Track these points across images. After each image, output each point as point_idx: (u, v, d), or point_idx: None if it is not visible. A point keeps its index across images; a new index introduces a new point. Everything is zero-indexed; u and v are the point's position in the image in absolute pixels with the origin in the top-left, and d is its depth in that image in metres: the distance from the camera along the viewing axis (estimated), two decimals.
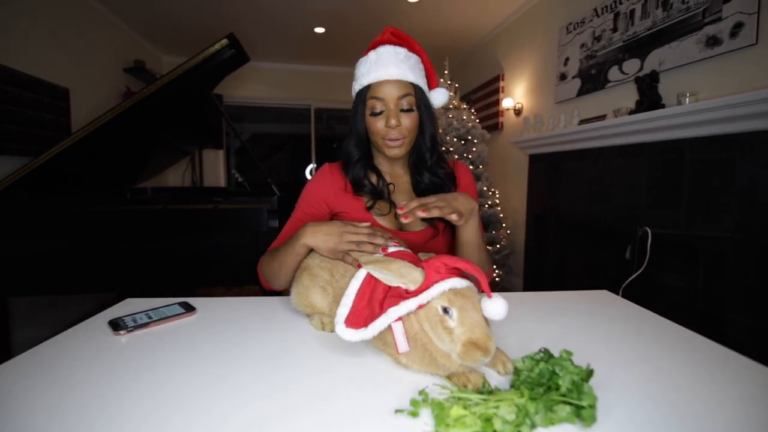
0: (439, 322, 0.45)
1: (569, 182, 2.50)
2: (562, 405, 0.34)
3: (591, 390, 0.36)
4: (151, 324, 0.65)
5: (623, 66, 2.11)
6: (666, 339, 0.61)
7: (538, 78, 3.00)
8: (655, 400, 0.43)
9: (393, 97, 0.76)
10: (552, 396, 0.35)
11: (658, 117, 1.73)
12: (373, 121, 0.78)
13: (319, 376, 0.49)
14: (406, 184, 0.87)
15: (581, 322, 0.69)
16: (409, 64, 0.77)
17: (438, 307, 0.45)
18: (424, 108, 0.80)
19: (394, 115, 0.76)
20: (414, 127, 0.79)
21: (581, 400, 0.34)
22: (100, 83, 3.18)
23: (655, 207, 1.85)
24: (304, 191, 0.86)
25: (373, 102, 0.77)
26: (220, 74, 2.06)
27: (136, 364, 0.52)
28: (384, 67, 0.75)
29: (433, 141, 0.83)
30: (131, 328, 0.63)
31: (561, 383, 0.37)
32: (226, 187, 4.58)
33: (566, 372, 0.38)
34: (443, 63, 3.33)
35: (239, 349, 0.57)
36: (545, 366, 0.40)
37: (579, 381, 0.37)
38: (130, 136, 1.97)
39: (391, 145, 0.78)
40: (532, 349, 0.47)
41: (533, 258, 2.98)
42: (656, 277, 1.80)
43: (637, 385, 0.47)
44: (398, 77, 0.75)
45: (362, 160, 0.83)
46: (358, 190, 0.83)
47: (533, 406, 0.34)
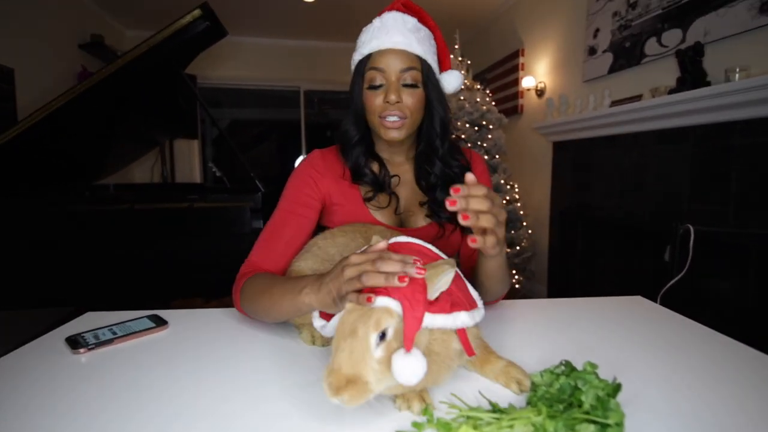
0: (338, 336, 0.44)
1: (599, 174, 2.50)
2: (586, 424, 0.35)
3: (618, 407, 0.37)
4: (116, 340, 0.66)
5: (662, 38, 2.12)
6: (709, 351, 0.62)
7: (563, 53, 3.00)
8: (692, 422, 0.44)
9: (395, 69, 0.76)
10: (574, 414, 0.36)
11: (702, 96, 1.73)
12: (370, 96, 0.77)
13: (309, 396, 0.50)
14: (407, 174, 0.87)
15: (610, 332, 0.69)
16: (418, 36, 0.77)
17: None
18: (432, 87, 0.79)
19: (394, 89, 0.75)
20: (418, 107, 0.78)
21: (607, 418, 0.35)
22: (50, 62, 3.18)
23: (699, 201, 1.85)
24: (291, 178, 0.84)
25: (372, 73, 0.76)
26: (192, 51, 2.07)
27: (97, 387, 0.53)
28: (387, 35, 0.75)
29: (444, 126, 0.82)
30: (92, 345, 0.64)
31: (584, 399, 0.38)
32: (202, 183, 4.60)
33: (590, 387, 0.38)
34: (454, 36, 3.34)
35: (217, 367, 0.58)
36: (566, 380, 0.41)
37: (605, 397, 0.37)
38: (88, 124, 1.98)
39: (389, 125, 0.77)
40: (552, 362, 0.47)
41: (558, 261, 2.98)
42: (700, 281, 1.81)
43: (672, 404, 0.48)
44: (403, 47, 0.75)
45: (362, 143, 0.83)
46: (358, 179, 0.82)
47: (552, 425, 0.35)
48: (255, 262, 0.77)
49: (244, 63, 4.80)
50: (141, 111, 2.29)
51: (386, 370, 0.40)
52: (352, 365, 0.40)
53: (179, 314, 0.78)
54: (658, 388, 0.51)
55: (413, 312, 0.42)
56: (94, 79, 1.77)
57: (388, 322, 0.41)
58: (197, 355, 0.62)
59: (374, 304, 0.43)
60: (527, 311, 0.83)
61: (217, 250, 1.72)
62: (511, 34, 3.69)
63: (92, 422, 0.45)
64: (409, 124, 0.78)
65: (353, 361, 0.40)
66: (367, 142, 0.84)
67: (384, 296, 0.43)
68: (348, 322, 0.42)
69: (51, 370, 0.57)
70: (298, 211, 0.80)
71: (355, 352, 0.40)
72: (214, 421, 0.45)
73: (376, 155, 0.86)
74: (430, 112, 0.81)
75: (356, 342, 0.40)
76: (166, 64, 1.93)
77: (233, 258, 0.81)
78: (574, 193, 2.77)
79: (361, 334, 0.41)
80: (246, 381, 0.54)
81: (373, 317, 0.41)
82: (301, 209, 0.80)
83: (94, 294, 1.71)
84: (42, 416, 0.46)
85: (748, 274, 1.64)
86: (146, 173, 4.09)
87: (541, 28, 3.26)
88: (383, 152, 0.87)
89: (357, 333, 0.41)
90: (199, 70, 4.39)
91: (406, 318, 0.42)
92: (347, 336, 0.41)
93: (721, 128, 1.75)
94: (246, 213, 1.74)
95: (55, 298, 1.70)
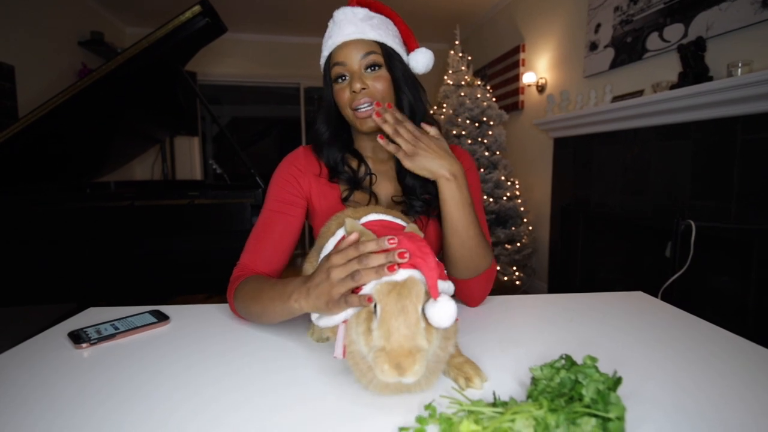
0: (365, 320, 0.45)
1: (600, 170, 2.50)
2: (587, 417, 0.35)
3: (619, 400, 0.37)
4: (117, 335, 0.66)
5: (664, 32, 2.11)
6: (710, 346, 0.62)
7: (564, 48, 2.99)
8: (693, 416, 0.44)
9: (355, 59, 0.76)
10: (575, 407, 0.36)
11: (704, 91, 1.73)
12: (339, 91, 0.78)
13: (311, 392, 0.50)
14: (390, 170, 0.86)
15: (610, 327, 0.70)
16: (371, 23, 0.77)
17: (374, 299, 0.45)
18: (397, 68, 0.79)
19: (357, 77, 0.76)
20: (386, 88, 0.77)
21: (608, 412, 0.35)
22: (50, 59, 3.18)
23: (701, 197, 1.85)
24: (274, 176, 0.84)
25: (336, 69, 0.78)
26: (192, 47, 2.07)
27: (99, 381, 0.53)
28: (340, 30, 0.77)
29: (414, 111, 0.81)
30: (95, 340, 0.64)
31: (585, 393, 0.38)
32: (202, 180, 4.60)
33: (590, 381, 0.38)
34: (454, 32, 3.33)
35: (218, 361, 0.58)
36: (567, 374, 0.41)
37: (605, 390, 0.37)
38: (88, 121, 1.98)
39: (362, 114, 0.77)
40: (553, 356, 0.47)
41: (559, 258, 2.98)
42: (701, 277, 1.81)
43: (673, 398, 0.48)
44: (357, 36, 0.76)
45: (335, 141, 0.83)
46: (333, 177, 0.82)
47: (553, 419, 0.35)
48: (246, 264, 0.77)
49: (244, 60, 4.79)
50: (141, 108, 2.29)
51: (428, 333, 0.44)
52: (411, 339, 0.42)
53: (180, 309, 0.78)
54: (659, 382, 0.51)
55: (427, 264, 0.46)
56: (95, 76, 1.77)
57: (422, 290, 0.45)
58: (198, 349, 0.62)
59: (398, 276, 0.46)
60: (528, 306, 0.83)
61: (218, 246, 1.72)
62: (511, 30, 3.68)
63: (94, 415, 0.45)
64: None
65: (411, 335, 0.43)
66: (344, 139, 0.85)
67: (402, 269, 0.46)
68: (389, 303, 0.44)
69: (54, 365, 0.58)
70: (283, 210, 0.80)
71: (411, 326, 0.43)
72: (215, 415, 0.45)
73: (356, 152, 0.85)
74: (398, 96, 0.80)
75: (409, 317, 0.43)
76: (167, 60, 1.93)
77: (234, 254, 0.81)
78: (575, 190, 2.77)
79: (411, 309, 0.43)
80: (247, 375, 0.54)
81: (413, 291, 0.44)
82: (286, 208, 0.80)
83: (96, 291, 1.72)
84: (45, 409, 0.47)
85: (750, 270, 1.64)
86: (147, 171, 4.09)
87: (542, 23, 3.24)
88: (365, 149, 0.86)
89: (407, 309, 0.43)
90: (199, 67, 4.39)
91: (424, 270, 0.45)
92: (397, 315, 0.43)
93: (723, 124, 1.74)
94: (247, 209, 1.75)
95: (58, 294, 1.70)
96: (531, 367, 0.46)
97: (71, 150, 2.11)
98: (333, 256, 0.51)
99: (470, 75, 3.24)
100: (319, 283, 0.51)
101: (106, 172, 2.70)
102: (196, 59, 2.27)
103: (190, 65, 2.36)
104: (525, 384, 0.50)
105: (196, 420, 0.44)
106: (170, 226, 1.73)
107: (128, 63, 1.79)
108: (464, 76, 3.20)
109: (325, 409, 0.46)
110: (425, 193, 0.80)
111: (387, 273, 0.46)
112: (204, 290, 1.95)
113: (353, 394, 0.49)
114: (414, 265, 0.46)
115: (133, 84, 1.93)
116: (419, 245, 0.47)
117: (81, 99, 1.77)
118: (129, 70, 1.80)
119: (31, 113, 1.73)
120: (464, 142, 3.03)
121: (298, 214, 0.81)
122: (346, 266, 0.49)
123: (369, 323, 0.45)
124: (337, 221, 0.65)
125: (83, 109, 1.83)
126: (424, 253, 0.46)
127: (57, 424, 0.44)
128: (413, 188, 0.80)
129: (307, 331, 0.67)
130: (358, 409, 0.46)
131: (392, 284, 0.45)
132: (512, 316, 0.76)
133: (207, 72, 4.58)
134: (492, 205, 2.98)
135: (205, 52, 2.31)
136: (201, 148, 4.84)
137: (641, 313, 0.77)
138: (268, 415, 0.45)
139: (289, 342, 0.65)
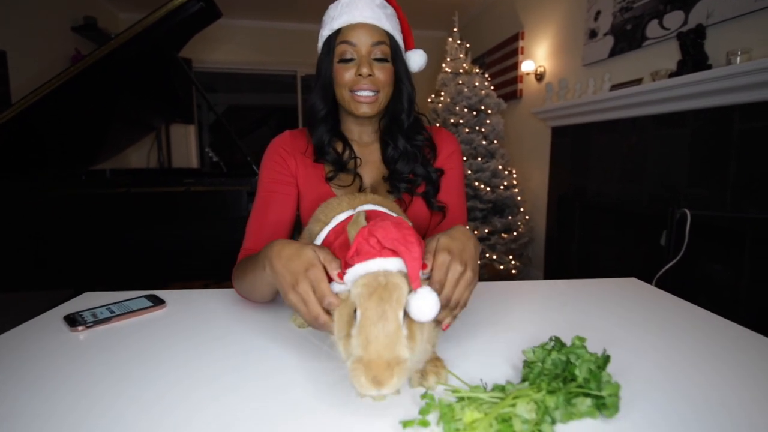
0: (347, 324, 0.42)
1: (598, 158, 2.50)
2: (582, 397, 0.36)
3: (611, 378, 0.37)
4: (114, 319, 0.66)
5: (664, 20, 2.08)
6: (702, 328, 0.63)
7: (563, 36, 2.96)
8: (689, 391, 0.45)
9: (366, 44, 0.76)
10: (569, 388, 0.37)
11: (703, 80, 1.72)
12: (341, 70, 0.77)
13: (306, 373, 0.50)
14: (375, 153, 0.87)
15: (603, 311, 0.70)
16: (386, 13, 0.78)
17: (355, 302, 0.42)
18: (400, 63, 0.81)
19: (366, 62, 0.76)
20: (388, 81, 0.79)
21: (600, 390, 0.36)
22: (43, 45, 3.13)
23: (697, 186, 1.85)
24: (263, 160, 0.85)
25: (343, 47, 0.77)
26: (186, 32, 2.04)
27: (95, 363, 0.53)
28: (358, 9, 0.76)
29: (411, 102, 0.83)
30: (90, 323, 0.64)
31: (578, 373, 0.38)
32: (199, 168, 4.57)
33: (582, 361, 0.39)
34: (452, 19, 3.28)
35: (214, 347, 0.58)
36: (557, 355, 0.41)
37: (596, 370, 0.38)
38: (82, 107, 1.95)
39: (361, 99, 0.77)
40: (545, 339, 0.48)
41: (555, 247, 3.00)
42: (695, 266, 1.82)
43: (666, 375, 0.48)
44: (373, 21, 0.76)
45: (328, 119, 0.84)
46: (320, 157, 0.83)
47: (553, 401, 0.35)
48: (249, 248, 0.79)
49: (239, 46, 4.72)
50: (136, 94, 2.26)
51: (410, 341, 0.41)
52: (391, 349, 0.39)
53: (177, 294, 0.78)
54: (650, 361, 0.52)
55: (411, 253, 0.43)
56: (88, 61, 1.74)
57: (404, 294, 0.42)
58: (194, 333, 0.62)
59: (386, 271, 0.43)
60: (523, 292, 0.83)
61: (214, 233, 1.72)
62: (511, 17, 3.63)
63: (88, 396, 0.45)
64: (381, 98, 0.79)
65: (391, 345, 0.39)
66: (333, 119, 0.85)
67: (382, 258, 0.43)
68: (369, 308, 0.41)
69: (50, 347, 0.58)
70: (277, 190, 0.82)
71: (390, 335, 0.40)
72: (210, 398, 0.45)
73: (341, 134, 0.86)
74: (398, 87, 0.82)
75: (388, 324, 0.40)
76: (161, 45, 1.90)
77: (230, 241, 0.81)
78: (572, 179, 2.77)
79: (392, 316, 0.40)
80: (243, 359, 0.54)
81: (393, 296, 0.41)
82: (279, 187, 0.82)
83: (91, 277, 1.72)
84: (40, 391, 0.47)
85: (744, 258, 1.65)
86: (143, 159, 4.05)
87: (542, 10, 3.20)
88: (351, 132, 0.87)
89: (387, 316, 0.40)
90: (194, 53, 4.32)
91: (407, 260, 0.42)
92: (376, 322, 0.40)
93: (721, 112, 1.74)
94: (243, 196, 1.74)
95: (55, 280, 1.70)
96: (524, 349, 0.47)
97: (65, 137, 2.09)
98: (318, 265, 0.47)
99: (468, 63, 3.21)
100: (297, 259, 0.49)
101: (101, 159, 2.67)
102: (191, 45, 2.24)
103: (184, 51, 2.33)
104: (517, 367, 0.51)
105: (190, 401, 0.44)
106: (166, 213, 1.72)
107: (122, 48, 1.76)
108: (462, 64, 3.17)
109: (322, 392, 0.46)
110: (410, 173, 0.82)
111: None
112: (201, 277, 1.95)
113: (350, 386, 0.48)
114: (397, 252, 0.43)
115: (126, 69, 1.90)
116: (405, 233, 0.44)
117: (74, 84, 1.74)
118: (123, 55, 1.78)
119: (24, 99, 1.70)
120: (462, 130, 3.01)
121: (292, 192, 0.83)
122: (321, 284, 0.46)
123: (349, 328, 0.42)
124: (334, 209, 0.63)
125: (77, 95, 1.80)
126: (409, 242, 0.43)
127: (53, 405, 0.44)
128: (399, 171, 0.82)
129: (290, 317, 0.67)
130: (358, 400, 0.45)
131: (374, 287, 0.41)
132: (507, 301, 0.77)
133: (202, 59, 4.51)
134: (489, 194, 2.98)
135: (200, 39, 2.27)
136: (197, 136, 4.79)
137: (633, 298, 0.77)
138: (264, 399, 0.45)
139: (288, 326, 0.65)
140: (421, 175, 0.83)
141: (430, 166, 0.85)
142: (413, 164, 0.82)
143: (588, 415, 0.37)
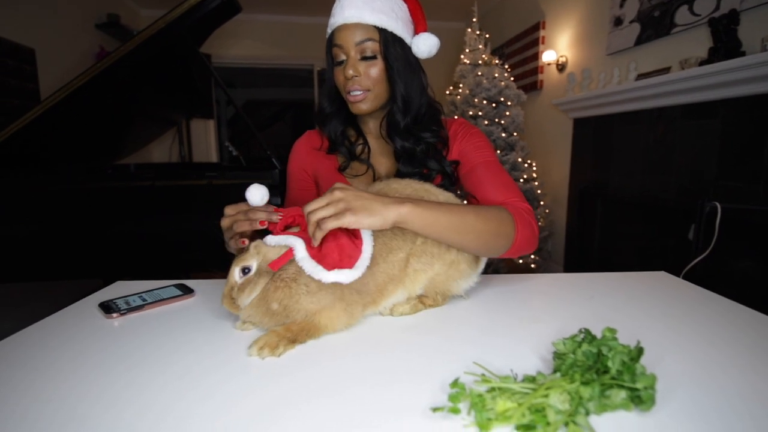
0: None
1: (621, 150, 2.43)
2: (616, 389, 0.35)
3: (645, 370, 0.36)
4: (146, 306, 0.68)
5: (694, 5, 2.00)
6: (736, 322, 0.61)
7: (586, 24, 2.87)
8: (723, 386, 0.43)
9: (351, 44, 0.76)
10: (603, 380, 0.36)
11: (737, 67, 1.65)
12: (337, 73, 0.80)
13: (337, 365, 0.51)
14: (389, 146, 0.85)
15: (631, 305, 0.69)
16: (372, 6, 0.74)
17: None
18: (396, 57, 0.77)
19: (351, 64, 0.77)
20: (380, 77, 0.78)
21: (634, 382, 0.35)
22: (69, 42, 3.21)
23: (727, 178, 1.79)
24: (288, 163, 0.93)
25: (335, 50, 0.78)
26: (207, 28, 2.06)
27: (130, 349, 0.55)
28: (341, 10, 0.76)
29: (407, 101, 0.79)
30: (124, 310, 0.66)
31: (610, 365, 0.38)
32: (219, 162, 4.65)
33: (615, 353, 0.38)
34: (471, 9, 3.23)
35: (244, 334, 0.60)
36: (588, 347, 0.40)
37: (629, 362, 0.37)
38: (107, 103, 2.00)
39: (352, 99, 0.79)
40: (570, 332, 0.47)
41: (576, 241, 2.94)
42: (725, 261, 1.76)
43: (701, 369, 0.47)
44: (355, 20, 0.75)
45: (338, 115, 0.86)
46: (333, 149, 0.87)
47: (587, 392, 0.35)
48: None
49: (257, 41, 4.75)
50: (158, 90, 2.30)
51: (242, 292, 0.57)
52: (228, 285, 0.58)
53: (204, 283, 0.80)
54: (684, 355, 0.51)
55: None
56: (113, 57, 1.78)
57: (250, 262, 0.58)
58: (221, 320, 0.64)
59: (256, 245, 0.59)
60: (548, 284, 0.82)
61: None
62: (531, 6, 3.55)
63: (122, 381, 0.47)
64: (372, 96, 0.79)
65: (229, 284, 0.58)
66: (345, 114, 0.87)
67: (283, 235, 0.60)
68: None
69: (87, 332, 0.60)
70: (303, 187, 0.91)
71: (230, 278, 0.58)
72: (239, 382, 0.47)
73: (357, 126, 0.88)
74: (392, 86, 0.80)
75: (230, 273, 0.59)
76: (182, 41, 1.92)
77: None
78: (594, 171, 2.70)
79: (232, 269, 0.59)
80: None
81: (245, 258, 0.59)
82: (303, 184, 0.91)
83: (118, 267, 1.77)
84: (78, 374, 0.49)
85: None
86: (164, 153, 4.14)
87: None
88: (366, 124, 0.89)
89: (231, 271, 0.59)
90: (213, 49, 4.38)
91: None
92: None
93: (756, 101, 1.67)
94: None
95: (84, 270, 1.77)
96: (554, 341, 0.46)
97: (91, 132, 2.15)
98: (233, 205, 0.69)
99: (488, 54, 3.15)
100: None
101: (125, 154, 2.74)
102: (210, 41, 2.26)
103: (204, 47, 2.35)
104: (545, 359, 0.50)
105: (221, 384, 0.46)
106: (189, 205, 1.76)
107: (145, 44, 1.79)
108: (481, 55, 3.12)
109: (351, 385, 0.47)
110: (423, 168, 0.82)
111: (256, 225, 0.62)
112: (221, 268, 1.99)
113: (376, 373, 0.48)
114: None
115: (149, 65, 1.93)
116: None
117: (100, 81, 1.79)
118: (145, 51, 1.81)
119: (52, 96, 1.76)
120: (481, 123, 2.98)
121: (312, 188, 0.92)
122: (235, 214, 0.67)
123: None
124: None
125: (102, 92, 1.85)
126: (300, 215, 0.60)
127: (92, 387, 0.46)
128: (412, 165, 0.83)
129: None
130: (387, 387, 0.46)
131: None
132: (532, 293, 0.76)
133: (221, 54, 4.57)
134: None
135: (219, 34, 2.29)
136: (216, 130, 4.87)
137: (663, 291, 0.75)
138: (296, 386, 0.46)
139: None
140: (436, 170, 0.82)
141: (445, 160, 0.83)
142: (417, 164, 0.81)
143: (622, 407, 0.37)
